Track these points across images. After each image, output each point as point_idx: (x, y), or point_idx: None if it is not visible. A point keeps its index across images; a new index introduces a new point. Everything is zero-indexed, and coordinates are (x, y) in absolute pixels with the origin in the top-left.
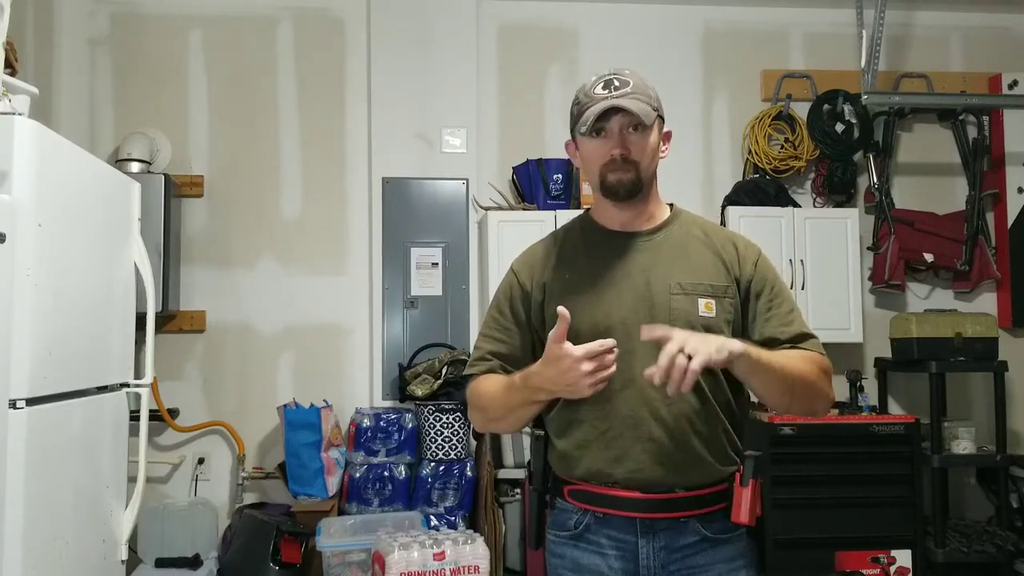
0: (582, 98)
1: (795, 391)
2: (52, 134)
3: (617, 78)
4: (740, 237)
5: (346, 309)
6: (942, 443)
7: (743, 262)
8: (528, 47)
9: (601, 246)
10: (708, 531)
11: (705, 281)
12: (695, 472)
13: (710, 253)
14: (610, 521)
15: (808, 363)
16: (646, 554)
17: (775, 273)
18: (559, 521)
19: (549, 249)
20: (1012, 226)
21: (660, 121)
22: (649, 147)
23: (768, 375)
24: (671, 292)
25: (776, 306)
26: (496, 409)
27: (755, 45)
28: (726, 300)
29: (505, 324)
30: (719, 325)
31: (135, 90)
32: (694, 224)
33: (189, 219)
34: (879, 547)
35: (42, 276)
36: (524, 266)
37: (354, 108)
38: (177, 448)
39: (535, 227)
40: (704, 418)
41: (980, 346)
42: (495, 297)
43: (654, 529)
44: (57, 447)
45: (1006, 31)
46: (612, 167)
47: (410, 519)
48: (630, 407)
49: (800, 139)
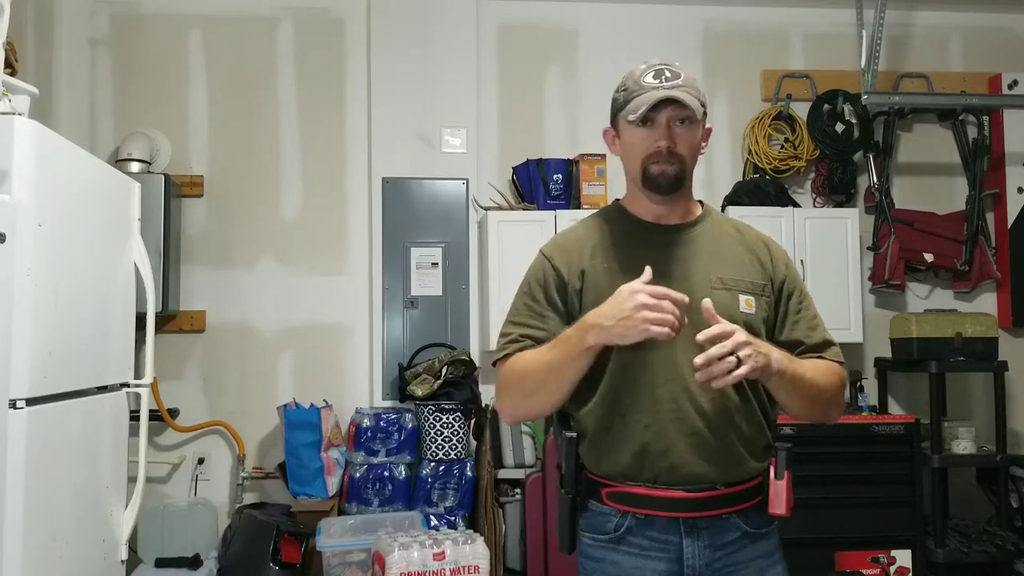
0: (631, 85)
1: (815, 403)
2: (52, 134)
3: (668, 69)
4: (769, 238)
5: (346, 309)
6: (942, 443)
7: (776, 262)
8: (528, 47)
9: (639, 237)
10: (748, 526)
11: (745, 278)
12: (735, 467)
13: (745, 251)
14: (652, 522)
15: (830, 375)
16: (691, 554)
17: (801, 277)
18: (595, 524)
19: (584, 237)
20: (1012, 226)
21: (704, 117)
22: (694, 142)
23: (796, 389)
24: (712, 287)
25: (804, 309)
26: (537, 374)
27: (755, 45)
28: (763, 298)
29: (539, 310)
30: (758, 323)
31: (135, 90)
32: (725, 221)
33: (189, 219)
34: (879, 547)
35: (42, 276)
36: (558, 252)
37: (354, 108)
38: (177, 448)
39: (535, 227)
40: (744, 414)
41: (980, 346)
42: (525, 283)
43: (698, 528)
44: (57, 447)
45: (1006, 31)
46: (656, 158)
47: (410, 519)
48: (673, 399)
49: (800, 139)
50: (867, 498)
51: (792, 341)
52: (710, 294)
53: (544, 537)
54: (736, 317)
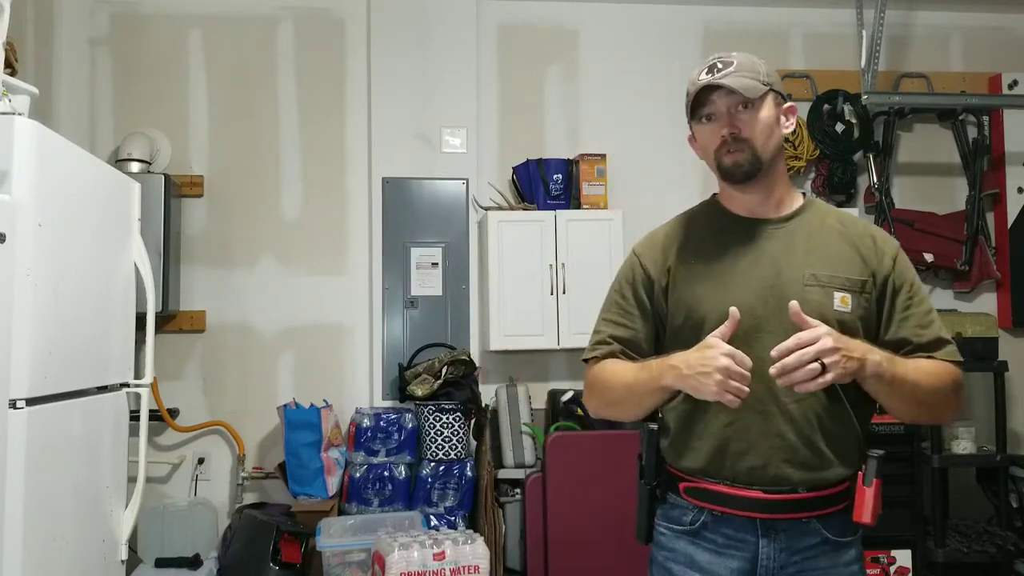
0: (689, 88)
1: (922, 407)
2: (52, 134)
3: (721, 60)
4: (879, 230)
5: (346, 309)
6: (942, 443)
7: (882, 256)
8: (528, 47)
9: (728, 232)
10: (829, 532)
11: (842, 274)
12: (820, 472)
13: (847, 245)
14: (729, 520)
15: (941, 376)
16: (767, 555)
17: (914, 271)
18: (672, 516)
19: (673, 233)
20: (1012, 226)
21: (777, 96)
22: (761, 123)
23: (899, 391)
24: (805, 283)
25: (915, 305)
26: (617, 391)
27: (755, 45)
28: (863, 295)
29: (627, 308)
30: (854, 321)
31: (135, 90)
32: (829, 214)
33: (189, 219)
34: (879, 547)
35: (42, 276)
36: (647, 250)
37: (354, 108)
38: (177, 448)
39: (535, 227)
40: (833, 417)
41: (980, 346)
42: (616, 281)
43: (775, 529)
44: (57, 447)
45: (1006, 31)
46: (724, 149)
47: (410, 519)
48: (758, 400)
49: (800, 139)
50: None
51: (899, 340)
52: (803, 291)
53: (544, 537)
54: (829, 315)
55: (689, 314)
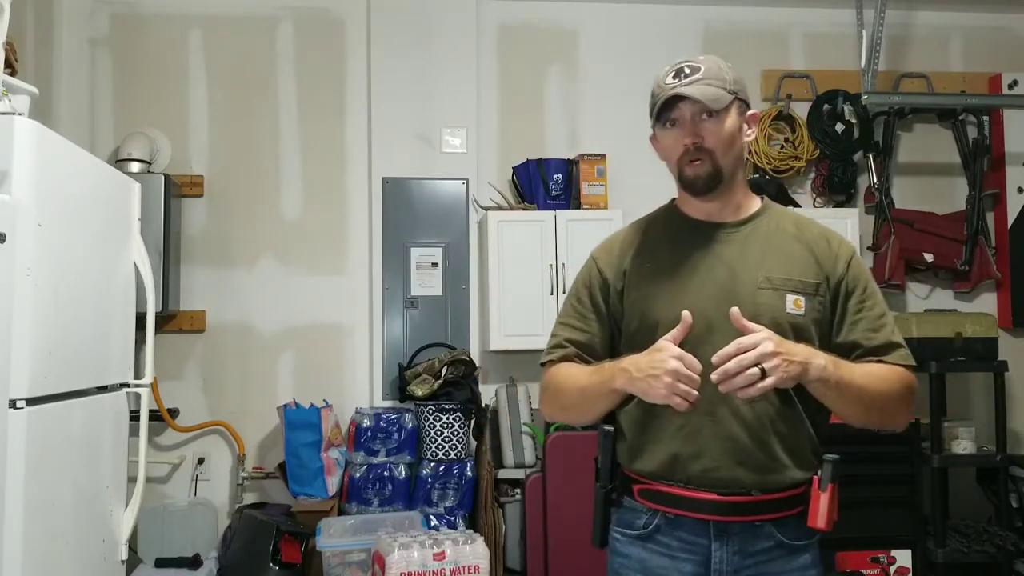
0: (655, 90)
1: (871, 411)
2: (52, 134)
3: (688, 65)
4: (834, 233)
5: (346, 309)
6: (942, 443)
7: (836, 259)
8: (528, 47)
9: (684, 236)
10: (784, 536)
11: (796, 277)
12: (774, 475)
13: (801, 247)
14: (682, 523)
15: (891, 381)
16: (719, 558)
17: (868, 275)
18: (626, 520)
19: (630, 237)
20: (1012, 226)
21: (741, 104)
22: (724, 133)
23: (846, 395)
24: (758, 286)
25: (867, 309)
26: (570, 394)
27: (755, 45)
28: (816, 298)
29: (583, 312)
30: (807, 324)
31: (135, 90)
32: (785, 217)
33: (189, 219)
34: (879, 547)
35: (42, 276)
36: (604, 254)
37: (354, 108)
38: (177, 448)
39: (535, 227)
40: (787, 419)
41: (980, 346)
42: (574, 284)
43: (728, 532)
44: (57, 447)
45: (1006, 31)
46: (687, 158)
47: (410, 519)
48: (710, 403)
49: (800, 139)
50: (867, 498)
51: (850, 343)
52: (756, 294)
53: (544, 537)
54: (782, 318)
55: (643, 318)
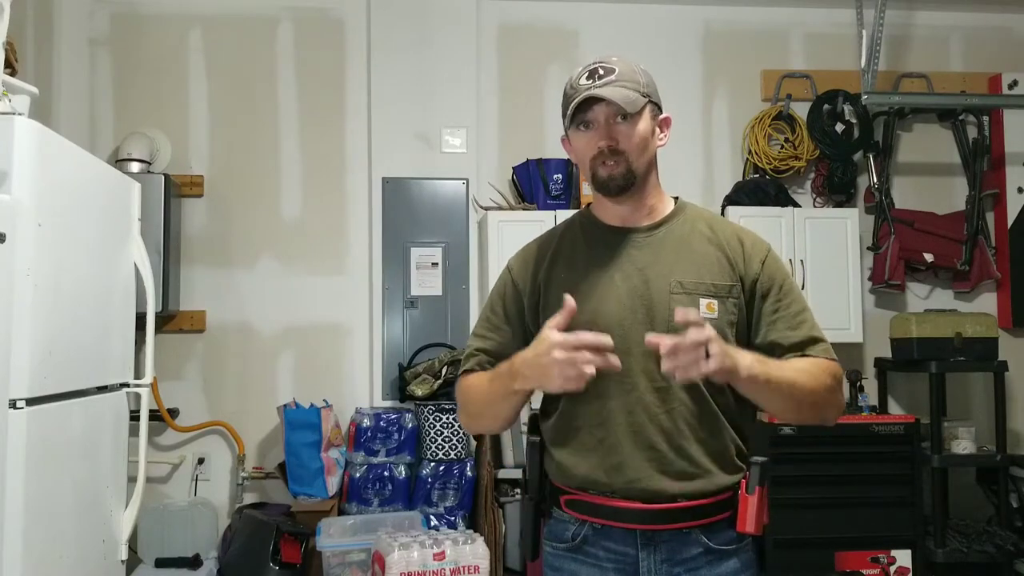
0: (568, 90)
1: (802, 406)
2: (52, 134)
3: (602, 66)
4: (748, 233)
5: (346, 309)
6: (942, 443)
7: (749, 260)
8: (528, 47)
9: (599, 243)
10: (712, 542)
11: (707, 280)
12: (698, 481)
13: (714, 249)
14: (609, 533)
15: (817, 375)
16: (647, 568)
17: (785, 272)
18: (555, 532)
19: (546, 246)
20: (1012, 226)
21: (654, 107)
22: (638, 136)
23: (774, 393)
24: (671, 292)
25: (784, 308)
26: (477, 403)
27: (755, 45)
28: (729, 300)
29: (496, 323)
30: (721, 327)
31: (135, 90)
32: (700, 219)
33: (189, 219)
34: (879, 547)
35: (42, 276)
36: (519, 263)
37: (354, 108)
38: (177, 448)
39: (535, 227)
40: (706, 424)
41: (980, 346)
42: (490, 295)
43: (655, 541)
44: (57, 447)
45: (1006, 31)
46: (600, 160)
47: (410, 519)
48: (628, 413)
49: (800, 139)
50: (867, 498)
51: (769, 344)
52: (669, 300)
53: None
54: None
55: None
